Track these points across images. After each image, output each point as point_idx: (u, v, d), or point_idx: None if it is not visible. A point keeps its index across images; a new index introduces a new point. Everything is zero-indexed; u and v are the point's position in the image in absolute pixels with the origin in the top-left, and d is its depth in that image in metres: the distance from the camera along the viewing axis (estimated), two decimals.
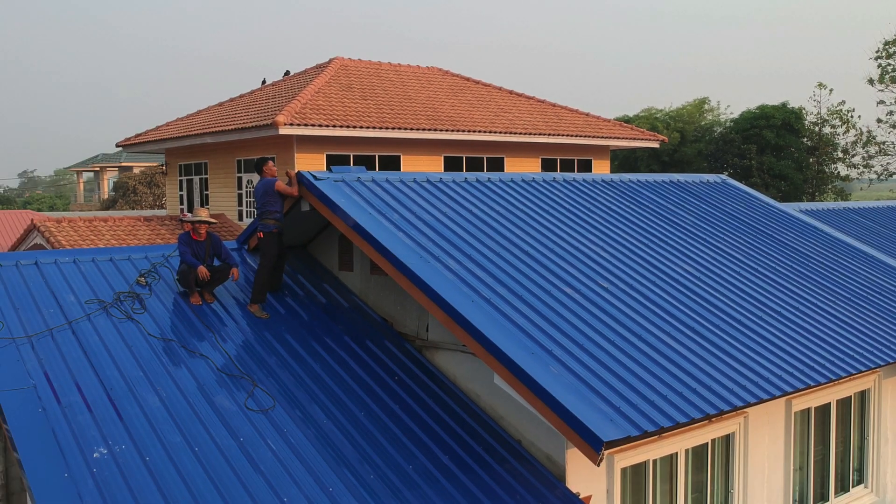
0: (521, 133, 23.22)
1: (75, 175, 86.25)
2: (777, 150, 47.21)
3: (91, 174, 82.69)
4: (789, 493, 10.71)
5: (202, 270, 10.10)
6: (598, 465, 7.20)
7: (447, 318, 8.55)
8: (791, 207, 16.37)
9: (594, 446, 7.05)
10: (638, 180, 14.10)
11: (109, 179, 74.42)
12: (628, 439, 7.26)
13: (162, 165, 32.32)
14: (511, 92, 26.93)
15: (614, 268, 10.45)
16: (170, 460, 7.57)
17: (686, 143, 50.51)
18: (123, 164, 71.87)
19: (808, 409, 10.75)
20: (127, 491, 7.10)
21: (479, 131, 22.35)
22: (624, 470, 8.85)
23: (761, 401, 8.49)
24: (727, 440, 9.97)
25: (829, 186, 48.34)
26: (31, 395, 8.01)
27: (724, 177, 15.66)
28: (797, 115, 46.98)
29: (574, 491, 8.34)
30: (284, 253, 10.94)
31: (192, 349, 9.30)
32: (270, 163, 11.06)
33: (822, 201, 35.31)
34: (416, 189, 11.17)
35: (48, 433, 7.56)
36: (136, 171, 66.64)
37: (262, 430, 8.32)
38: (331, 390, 9.19)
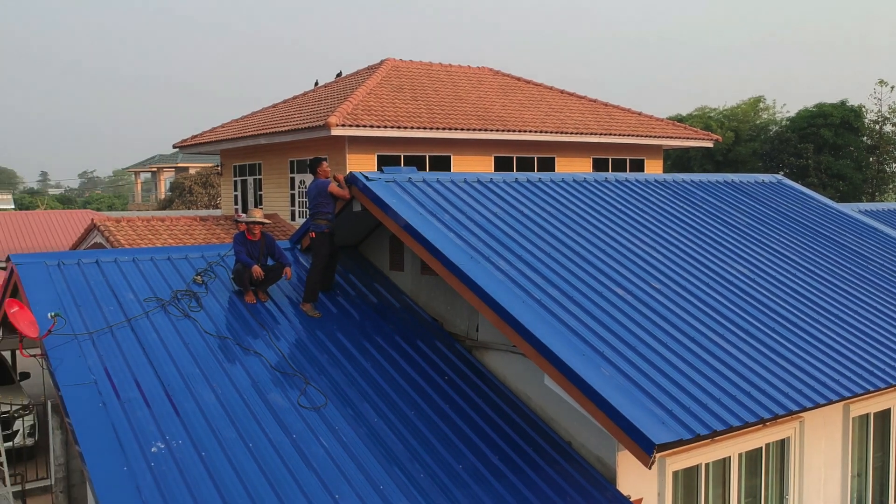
0: (572, 133, 23.08)
1: (133, 175, 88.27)
2: (835, 149, 46.16)
3: (148, 174, 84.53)
4: (847, 500, 10.48)
5: (256, 270, 10.28)
6: (650, 468, 7.14)
7: (497, 319, 8.56)
8: (849, 208, 15.99)
9: (646, 449, 7.00)
10: (691, 180, 13.93)
11: (166, 180, 76.00)
12: (680, 442, 7.18)
13: (217, 166, 32.85)
14: (562, 91, 26.80)
15: (666, 269, 10.35)
16: (225, 456, 7.72)
17: (740, 142, 49.67)
18: (179, 165, 73.39)
19: (867, 415, 10.50)
20: (183, 485, 7.26)
21: (530, 131, 22.28)
22: (676, 473, 8.76)
23: (818, 405, 8.32)
24: (782, 445, 9.79)
25: (891, 186, 47.09)
26: (92, 391, 8.24)
27: (779, 177, 15.38)
28: (857, 113, 45.88)
29: (625, 494, 8.28)
30: (336, 253, 11.06)
31: (246, 347, 9.47)
32: (325, 163, 11.18)
33: (882, 202, 34.42)
34: (467, 189, 11.20)
35: (108, 427, 7.77)
36: (191, 171, 68.00)
37: (315, 427, 8.43)
38: (381, 389, 9.27)
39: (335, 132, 19.07)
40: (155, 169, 78.58)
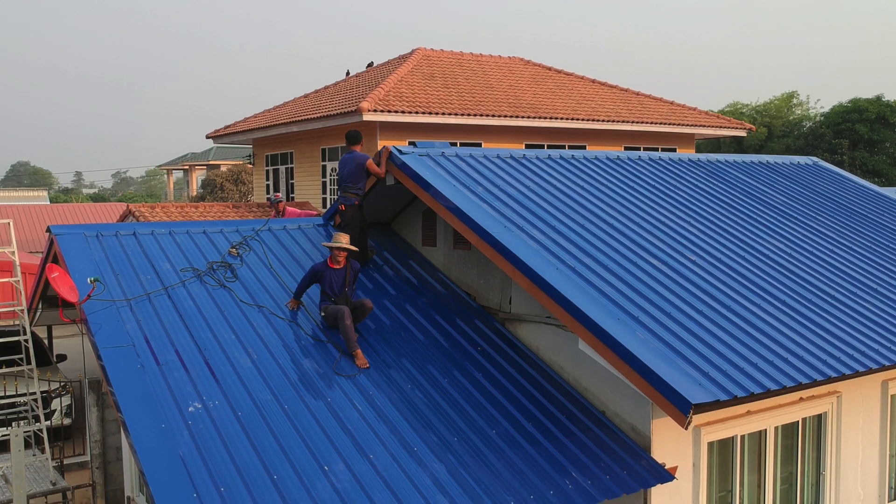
0: (603, 120, 22.98)
1: (165, 173, 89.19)
2: (871, 144, 45.58)
3: (180, 173, 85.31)
4: (885, 479, 10.33)
5: (293, 304, 9.71)
6: (686, 429, 7.10)
7: (531, 285, 8.55)
8: (890, 191, 15.75)
9: (682, 409, 6.95)
10: (726, 160, 13.82)
11: (198, 177, 76.65)
12: (717, 403, 7.12)
13: (248, 156, 33.09)
14: (594, 81, 26.68)
15: (702, 242, 10.27)
16: (260, 415, 7.79)
17: (773, 138, 49.18)
18: (211, 163, 73.96)
19: None
20: (220, 441, 7.34)
21: (561, 118, 22.22)
22: (711, 444, 8.69)
23: (857, 373, 8.21)
24: (819, 420, 9.67)
25: None
26: (130, 353, 8.35)
27: (815, 159, 15.21)
28: (893, 108, 45.23)
29: (660, 462, 8.23)
30: (367, 227, 11.09)
31: (282, 316, 9.54)
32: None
33: None
34: (500, 164, 11.20)
35: (146, 388, 7.87)
36: (223, 169, 68.48)
37: (349, 392, 8.48)
38: (416, 359, 9.30)
39: (367, 117, 19.15)
40: (187, 167, 79.29)
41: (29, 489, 10.49)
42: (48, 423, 15.25)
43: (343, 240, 9.59)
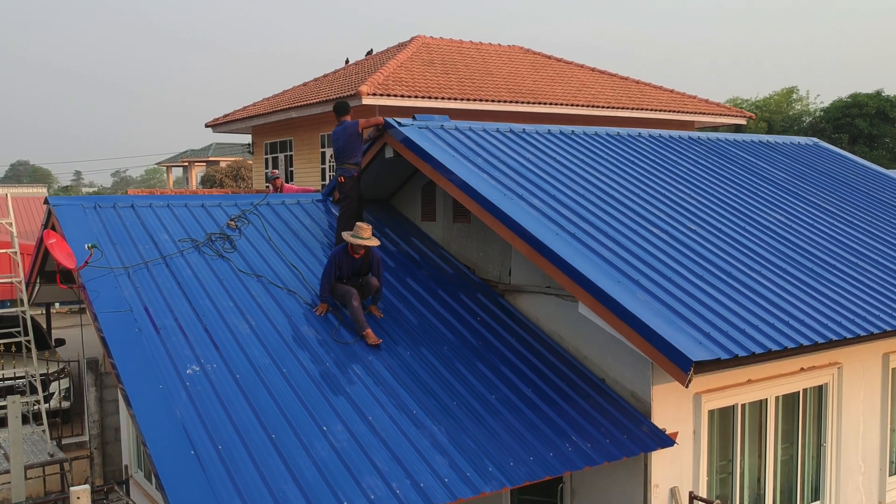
0: (603, 107, 22.93)
1: (165, 172, 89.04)
2: (871, 139, 45.53)
3: (180, 171, 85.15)
4: (886, 452, 10.29)
5: (321, 309, 9.24)
6: (687, 387, 7.06)
7: (531, 251, 8.50)
8: (891, 172, 15.71)
9: (683, 367, 6.91)
10: (726, 139, 13.78)
11: (197, 174, 76.53)
12: (718, 363, 7.08)
13: (247, 150, 33.04)
14: (594, 69, 26.64)
15: (702, 213, 10.24)
16: (259, 379, 7.76)
17: (773, 133, 49.14)
18: (210, 159, 73.84)
19: None
20: (218, 403, 7.30)
21: (561, 104, 22.17)
22: (712, 412, 8.65)
23: (857, 337, 8.17)
24: (819, 391, 9.64)
25: None
26: (128, 318, 8.31)
27: (816, 140, 15.17)
28: (892, 103, 45.19)
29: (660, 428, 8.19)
30: (363, 200, 11.04)
31: (280, 285, 9.50)
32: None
33: None
34: (500, 137, 11.16)
35: (144, 350, 7.83)
36: (222, 165, 68.38)
37: (348, 358, 8.44)
38: (415, 328, 9.26)
39: (366, 101, 19.10)
40: (186, 163, 79.19)
41: (27, 461, 10.45)
42: (47, 405, 15.22)
43: (366, 234, 9.23)
